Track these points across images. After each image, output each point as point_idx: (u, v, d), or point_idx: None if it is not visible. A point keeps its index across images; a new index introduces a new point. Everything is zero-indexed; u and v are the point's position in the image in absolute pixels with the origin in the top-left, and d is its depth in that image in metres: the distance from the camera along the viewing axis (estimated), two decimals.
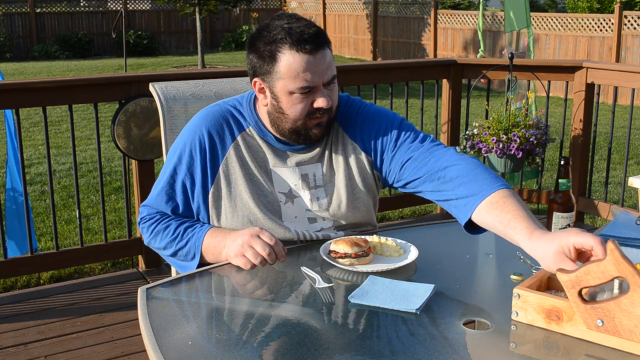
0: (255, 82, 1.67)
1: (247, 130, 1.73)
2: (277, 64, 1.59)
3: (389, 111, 1.80)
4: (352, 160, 1.75)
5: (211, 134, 1.71)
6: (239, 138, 1.72)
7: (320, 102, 1.61)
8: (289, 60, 1.57)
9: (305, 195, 1.73)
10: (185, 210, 1.73)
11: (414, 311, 1.34)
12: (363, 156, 1.75)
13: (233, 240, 1.59)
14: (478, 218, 1.51)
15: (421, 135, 1.74)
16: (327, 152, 1.76)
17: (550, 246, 1.30)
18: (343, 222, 1.77)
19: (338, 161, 1.75)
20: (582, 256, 1.29)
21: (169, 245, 1.70)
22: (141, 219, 1.77)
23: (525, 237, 1.37)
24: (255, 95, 1.75)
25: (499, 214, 1.45)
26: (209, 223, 1.73)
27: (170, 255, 1.73)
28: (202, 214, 1.73)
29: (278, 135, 1.72)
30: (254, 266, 1.56)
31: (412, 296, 1.40)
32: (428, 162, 1.65)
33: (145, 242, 1.78)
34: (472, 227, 1.56)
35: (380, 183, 1.82)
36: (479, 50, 5.79)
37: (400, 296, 1.40)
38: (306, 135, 1.67)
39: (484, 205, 1.49)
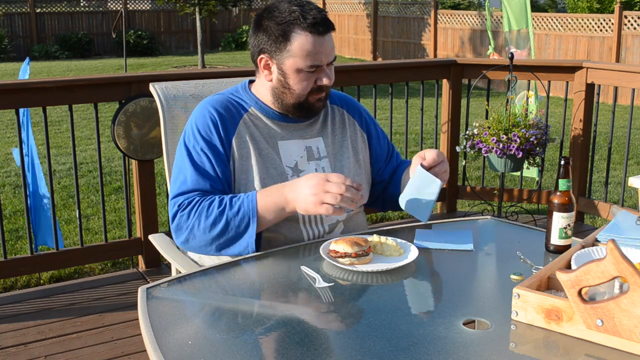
0: (261, 58, 1.78)
1: (250, 110, 1.84)
2: (289, 43, 1.71)
3: None
4: (358, 140, 1.94)
5: (219, 110, 1.79)
6: (245, 116, 1.82)
7: (325, 81, 1.76)
8: (302, 41, 1.70)
9: (310, 166, 1.83)
10: (223, 180, 1.74)
11: (471, 249, 1.67)
12: (365, 138, 1.96)
13: (297, 193, 1.60)
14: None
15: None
16: (328, 128, 1.90)
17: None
18: None
19: (344, 138, 1.91)
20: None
21: (218, 218, 1.63)
22: (179, 206, 1.69)
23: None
24: (249, 81, 1.91)
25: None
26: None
27: (217, 234, 1.65)
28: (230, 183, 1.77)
29: (279, 111, 1.83)
30: (337, 210, 1.56)
31: (460, 239, 1.73)
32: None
33: (181, 240, 1.69)
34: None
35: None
36: (489, 47, 5.79)
37: (453, 240, 1.73)
38: (309, 109, 1.81)
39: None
